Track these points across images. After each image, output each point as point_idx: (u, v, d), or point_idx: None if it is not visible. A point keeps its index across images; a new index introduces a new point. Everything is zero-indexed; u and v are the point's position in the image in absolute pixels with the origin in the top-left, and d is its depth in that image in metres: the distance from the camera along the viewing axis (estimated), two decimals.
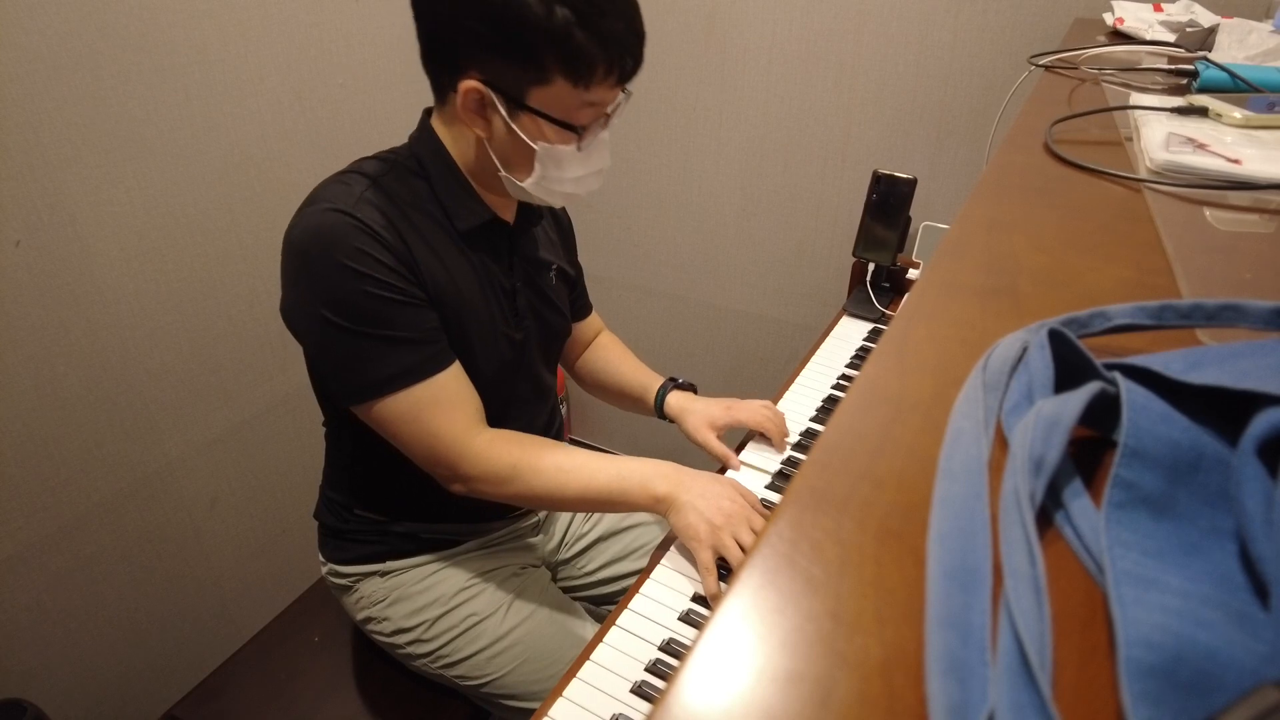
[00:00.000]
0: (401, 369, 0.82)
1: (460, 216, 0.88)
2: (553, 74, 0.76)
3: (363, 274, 0.78)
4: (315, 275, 0.79)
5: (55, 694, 1.24)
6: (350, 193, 0.82)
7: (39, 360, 1.12)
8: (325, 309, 0.79)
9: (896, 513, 0.30)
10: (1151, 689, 0.21)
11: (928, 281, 0.48)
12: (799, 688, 0.23)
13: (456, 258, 0.88)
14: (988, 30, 1.35)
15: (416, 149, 0.88)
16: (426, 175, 0.87)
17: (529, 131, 0.80)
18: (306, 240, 0.80)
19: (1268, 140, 0.67)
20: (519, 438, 0.90)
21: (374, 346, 0.81)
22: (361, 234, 0.79)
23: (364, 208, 0.80)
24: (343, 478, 1.02)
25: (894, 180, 1.34)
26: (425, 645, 0.99)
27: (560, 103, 0.79)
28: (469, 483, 0.87)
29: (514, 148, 0.82)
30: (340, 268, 0.78)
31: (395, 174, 0.86)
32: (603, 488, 0.86)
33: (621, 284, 1.96)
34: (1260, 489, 0.25)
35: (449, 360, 0.86)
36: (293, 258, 0.81)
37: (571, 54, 0.75)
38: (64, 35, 1.06)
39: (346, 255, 0.78)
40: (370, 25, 1.46)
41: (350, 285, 0.78)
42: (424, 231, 0.85)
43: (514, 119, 0.80)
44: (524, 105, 0.79)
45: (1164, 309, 0.36)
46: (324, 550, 1.06)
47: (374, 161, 0.87)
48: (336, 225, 0.79)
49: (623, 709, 0.73)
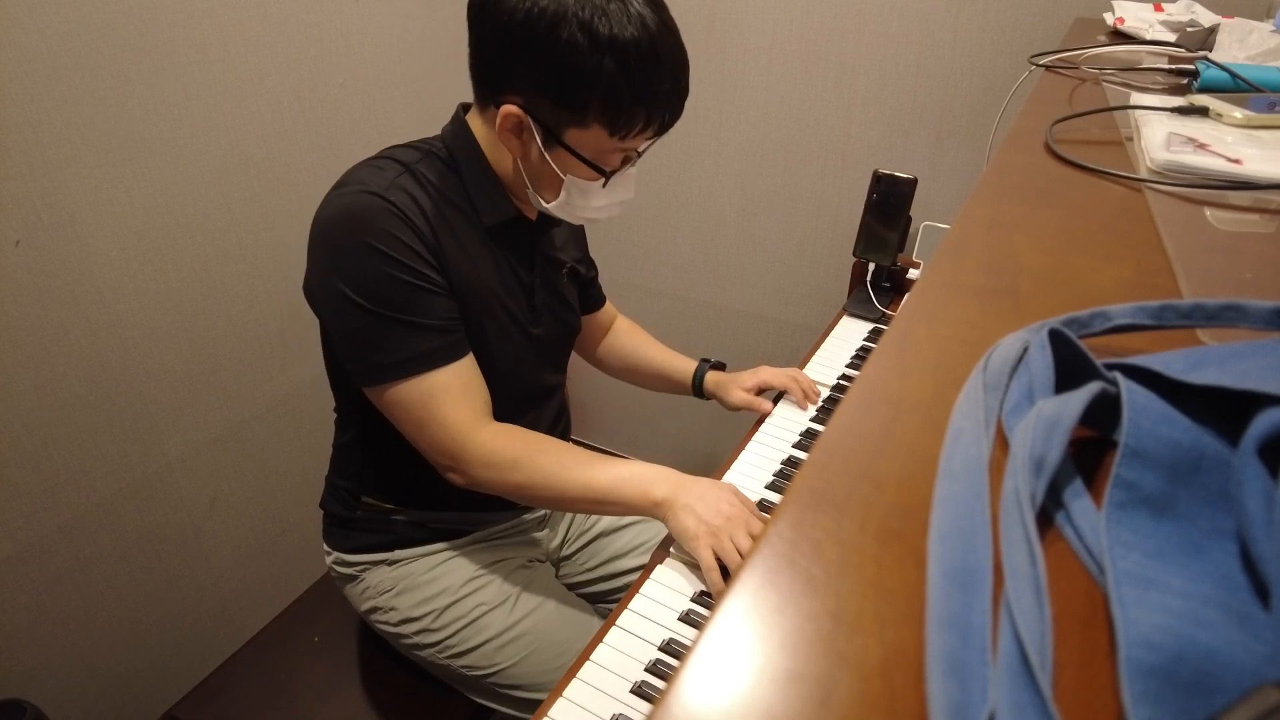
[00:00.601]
0: (418, 354, 0.83)
1: (487, 211, 0.89)
2: (592, 121, 0.79)
3: (390, 257, 0.80)
4: (343, 254, 0.80)
5: (55, 694, 1.24)
6: (384, 176, 0.83)
7: (38, 360, 1.12)
8: (349, 288, 0.80)
9: (897, 513, 0.30)
10: (1152, 689, 0.21)
11: (928, 281, 0.48)
12: (799, 688, 0.23)
13: (481, 251, 0.89)
14: (988, 30, 1.35)
15: (450, 142, 0.89)
16: (457, 168, 0.88)
17: (560, 163, 0.83)
18: (337, 220, 0.81)
19: (1268, 140, 0.67)
20: (524, 433, 0.90)
21: (393, 329, 0.82)
22: (393, 217, 0.80)
23: (396, 192, 0.82)
24: (351, 465, 1.02)
25: (894, 180, 1.34)
26: (433, 635, 1.00)
27: (594, 146, 0.81)
28: (469, 471, 0.87)
29: (544, 172, 0.85)
30: (369, 249, 0.79)
31: (428, 162, 0.87)
32: (602, 488, 0.86)
33: (621, 284, 1.96)
34: (1261, 489, 0.25)
35: (465, 350, 0.87)
36: (322, 236, 0.82)
37: (614, 107, 0.77)
38: (64, 35, 1.06)
39: (376, 237, 0.79)
40: (370, 25, 1.46)
41: (377, 267, 0.80)
42: (452, 222, 0.86)
43: (548, 149, 0.82)
44: (559, 141, 0.81)
45: (1165, 309, 0.36)
46: (329, 540, 1.06)
47: (407, 149, 0.89)
48: (369, 206, 0.80)
49: (623, 709, 0.73)
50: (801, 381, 1.13)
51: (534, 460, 0.87)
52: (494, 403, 0.94)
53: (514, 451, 0.87)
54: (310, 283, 0.86)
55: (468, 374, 0.87)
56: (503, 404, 0.92)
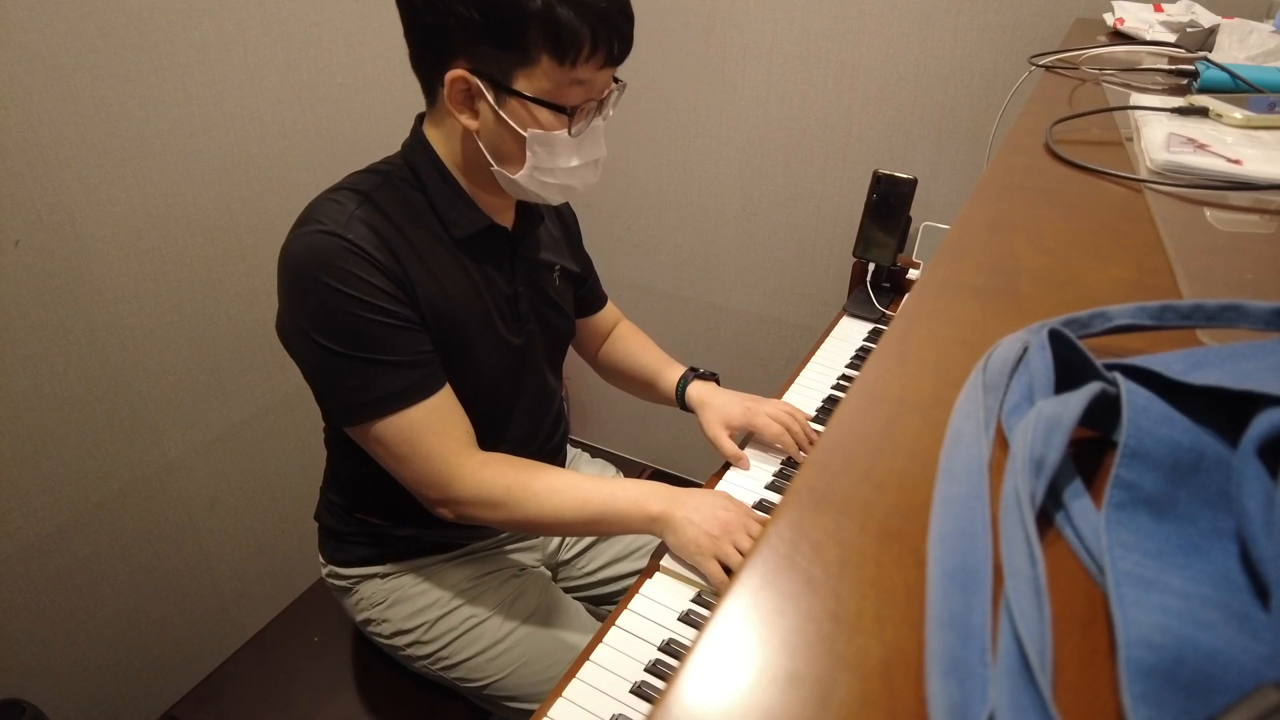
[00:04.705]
0: (391, 392, 0.81)
1: (456, 225, 0.87)
2: (537, 53, 0.76)
3: (353, 297, 0.78)
4: (306, 297, 0.79)
5: (54, 694, 1.24)
6: (343, 211, 0.81)
7: (38, 360, 1.12)
8: (315, 332, 0.79)
9: (897, 513, 0.30)
10: (1152, 690, 0.21)
11: (928, 282, 0.48)
12: (799, 688, 0.23)
13: (453, 268, 0.87)
14: (988, 30, 1.35)
15: (410, 157, 0.87)
16: (421, 185, 0.86)
17: (518, 118, 0.79)
18: (297, 262, 0.79)
19: (1268, 140, 0.67)
20: (513, 461, 0.89)
21: (364, 369, 0.80)
22: (351, 255, 0.78)
23: (356, 226, 0.80)
24: (344, 482, 1.02)
25: (894, 180, 1.34)
26: (425, 647, 0.99)
27: (547, 83, 0.78)
28: (458, 507, 0.86)
29: (504, 137, 0.81)
30: (330, 290, 0.78)
31: (388, 187, 0.85)
32: (597, 510, 0.85)
33: (621, 284, 1.96)
34: (1261, 490, 0.25)
35: (440, 384, 0.85)
36: (285, 278, 0.81)
37: (555, 29, 0.74)
38: (64, 35, 1.05)
39: (336, 278, 0.78)
40: (370, 25, 1.46)
41: (340, 308, 0.78)
42: (419, 245, 0.84)
43: (502, 105, 0.79)
44: (511, 90, 0.78)
45: (1165, 309, 0.36)
46: (324, 552, 1.06)
47: (367, 175, 0.86)
48: (326, 247, 0.78)
49: (622, 709, 0.73)
50: (794, 431, 1.02)
51: (525, 488, 0.85)
52: (488, 413, 0.93)
53: (505, 481, 0.85)
54: (282, 325, 0.85)
55: (445, 406, 0.85)
56: (497, 414, 0.90)
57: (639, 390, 1.21)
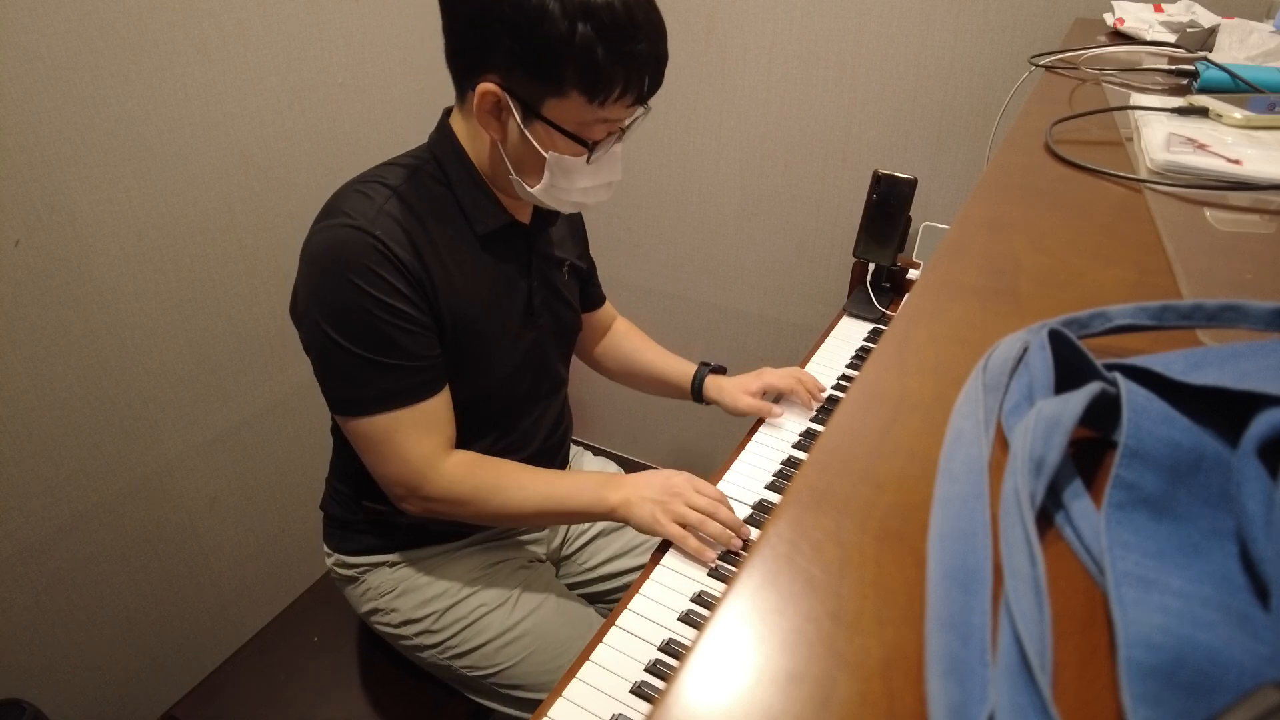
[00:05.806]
0: (387, 392, 0.83)
1: (480, 220, 0.89)
2: (569, 89, 0.77)
3: (372, 296, 0.80)
4: (326, 290, 0.81)
5: (54, 694, 1.24)
6: (372, 205, 0.82)
7: (38, 360, 1.12)
8: (329, 324, 0.81)
9: (897, 513, 0.30)
10: (1152, 690, 0.21)
11: (928, 282, 0.48)
12: (799, 688, 0.23)
13: (474, 263, 0.89)
14: (988, 30, 1.35)
15: (437, 151, 0.89)
16: (447, 179, 0.88)
17: (541, 140, 0.81)
18: (323, 254, 0.81)
19: (1268, 141, 0.67)
20: (484, 461, 0.92)
21: (366, 367, 0.82)
22: (377, 254, 0.80)
23: (384, 222, 0.81)
24: (350, 470, 1.02)
25: (894, 180, 1.34)
26: (434, 636, 1.00)
27: (574, 117, 0.80)
28: (425, 503, 0.89)
29: (526, 153, 0.83)
30: (352, 287, 0.79)
31: (416, 181, 0.87)
32: (559, 504, 0.91)
33: (621, 284, 1.96)
34: (1261, 490, 0.25)
35: (438, 388, 0.87)
36: (308, 268, 0.83)
37: (590, 72, 0.76)
38: (64, 35, 1.05)
39: (359, 275, 0.79)
40: (370, 25, 1.46)
41: (358, 306, 0.80)
42: (443, 241, 0.86)
43: (527, 126, 0.81)
44: (538, 115, 0.80)
45: (1164, 309, 0.36)
46: (330, 542, 1.06)
47: (395, 168, 0.88)
48: (354, 243, 0.80)
49: (622, 709, 0.73)
50: (805, 382, 1.12)
51: (492, 486, 0.90)
52: (497, 405, 0.95)
53: (473, 481, 0.89)
54: (295, 306, 0.87)
55: (437, 409, 0.87)
56: (508, 405, 0.92)
57: (646, 385, 1.25)
